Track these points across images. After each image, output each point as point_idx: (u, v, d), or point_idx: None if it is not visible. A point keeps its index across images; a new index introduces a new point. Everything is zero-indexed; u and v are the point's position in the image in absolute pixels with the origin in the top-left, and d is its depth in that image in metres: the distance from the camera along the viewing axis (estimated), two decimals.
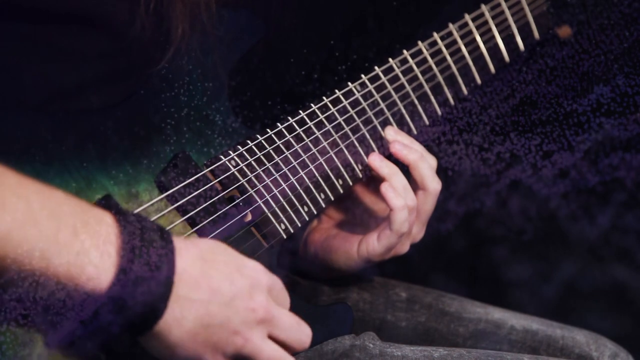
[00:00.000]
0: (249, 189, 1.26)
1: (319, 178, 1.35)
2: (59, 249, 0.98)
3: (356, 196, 1.47)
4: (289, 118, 1.34)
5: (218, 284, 1.07)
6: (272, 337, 1.13)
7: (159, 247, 1.03)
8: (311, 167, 1.34)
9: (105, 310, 1.00)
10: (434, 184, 1.40)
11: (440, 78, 1.49)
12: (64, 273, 0.99)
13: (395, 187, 1.36)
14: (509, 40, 1.56)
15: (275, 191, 1.29)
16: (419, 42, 1.47)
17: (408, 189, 1.37)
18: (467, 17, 1.52)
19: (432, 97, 1.48)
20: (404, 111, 1.45)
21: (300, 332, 1.15)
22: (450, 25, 1.50)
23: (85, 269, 0.99)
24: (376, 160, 1.39)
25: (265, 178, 1.28)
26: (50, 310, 1.00)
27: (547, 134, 1.54)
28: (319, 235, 1.47)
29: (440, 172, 1.44)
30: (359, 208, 1.47)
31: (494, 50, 1.54)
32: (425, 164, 1.40)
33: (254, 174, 1.27)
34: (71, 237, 0.99)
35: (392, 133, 1.42)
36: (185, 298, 1.05)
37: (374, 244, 1.37)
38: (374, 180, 1.43)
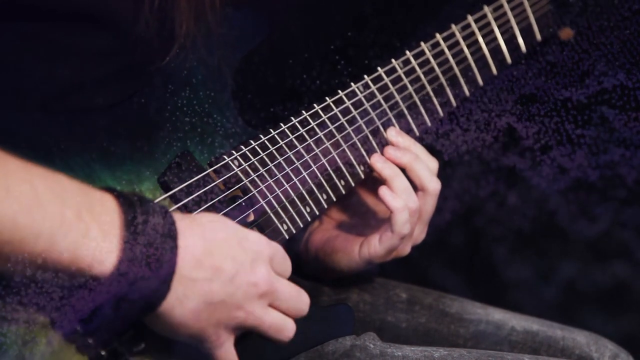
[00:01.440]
0: (252, 189, 1.26)
1: (322, 178, 1.35)
2: (64, 231, 0.98)
3: (358, 197, 1.47)
4: (292, 118, 1.34)
5: (220, 262, 1.08)
6: (272, 306, 1.14)
7: (162, 228, 1.03)
8: (314, 167, 1.34)
9: (109, 292, 1.01)
10: (432, 185, 1.39)
11: (442, 79, 1.48)
12: (69, 256, 0.99)
13: (395, 189, 1.35)
14: (510, 41, 1.55)
15: (278, 191, 1.29)
16: (422, 43, 1.47)
17: (410, 191, 1.36)
18: (470, 18, 1.51)
19: (434, 98, 1.48)
20: (406, 112, 1.45)
21: (299, 301, 1.16)
22: (453, 26, 1.50)
23: (90, 250, 1.00)
24: (378, 162, 1.38)
25: (268, 178, 1.28)
26: (55, 294, 1.00)
27: (546, 130, 1.54)
28: (320, 236, 1.47)
29: (442, 171, 1.43)
30: (361, 209, 1.47)
31: (495, 51, 1.54)
32: (420, 164, 1.39)
33: (256, 174, 1.27)
34: (76, 220, 0.99)
35: (393, 134, 1.41)
36: (188, 278, 1.05)
37: (376, 245, 1.37)
38: (375, 182, 1.43)
